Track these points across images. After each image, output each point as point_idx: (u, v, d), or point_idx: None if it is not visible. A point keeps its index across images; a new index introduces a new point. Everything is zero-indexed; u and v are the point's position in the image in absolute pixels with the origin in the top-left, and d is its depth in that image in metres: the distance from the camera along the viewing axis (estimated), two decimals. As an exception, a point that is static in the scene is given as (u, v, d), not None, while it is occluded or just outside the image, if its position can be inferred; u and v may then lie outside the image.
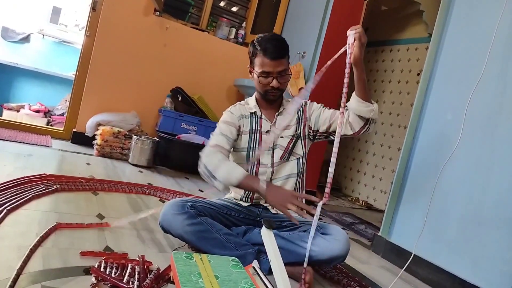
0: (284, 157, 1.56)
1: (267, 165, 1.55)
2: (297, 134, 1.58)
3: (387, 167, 3.84)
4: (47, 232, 1.30)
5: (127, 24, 3.26)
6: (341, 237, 1.37)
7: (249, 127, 1.57)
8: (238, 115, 1.57)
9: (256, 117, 1.58)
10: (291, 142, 1.57)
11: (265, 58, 1.45)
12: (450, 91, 1.91)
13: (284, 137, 1.57)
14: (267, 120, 1.58)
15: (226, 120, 1.56)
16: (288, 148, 1.56)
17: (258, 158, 1.55)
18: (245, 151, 1.56)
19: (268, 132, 1.56)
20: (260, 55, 1.46)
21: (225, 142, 1.50)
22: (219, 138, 1.51)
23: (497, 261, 1.57)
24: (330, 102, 3.13)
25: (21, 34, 4.80)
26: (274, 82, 1.48)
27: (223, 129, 1.53)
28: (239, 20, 3.94)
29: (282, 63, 1.47)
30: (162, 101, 3.48)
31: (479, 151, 1.71)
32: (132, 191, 2.16)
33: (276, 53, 1.45)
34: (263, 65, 1.46)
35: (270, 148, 1.55)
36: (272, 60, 1.45)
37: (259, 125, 1.57)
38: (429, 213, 1.77)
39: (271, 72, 1.46)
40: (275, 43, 1.47)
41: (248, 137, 1.56)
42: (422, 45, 3.75)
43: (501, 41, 1.70)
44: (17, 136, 2.98)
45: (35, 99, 4.62)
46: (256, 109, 1.58)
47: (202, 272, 1.10)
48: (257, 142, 1.56)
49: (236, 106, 1.61)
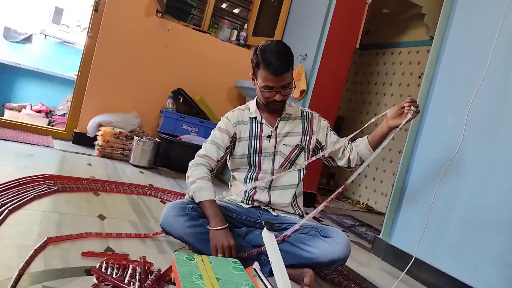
0: (284, 165, 1.56)
1: (267, 171, 1.55)
2: (301, 146, 1.58)
3: (388, 169, 3.84)
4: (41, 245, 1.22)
5: (129, 25, 3.27)
6: (341, 240, 1.38)
7: (249, 133, 1.55)
8: (234, 122, 1.56)
9: (256, 123, 1.57)
10: (293, 152, 1.56)
11: (268, 74, 1.41)
12: (451, 94, 1.92)
13: (287, 145, 1.56)
14: (268, 126, 1.56)
15: (220, 127, 1.56)
16: (289, 157, 1.56)
17: (259, 163, 1.55)
18: (245, 157, 1.55)
19: (269, 137, 1.55)
20: (264, 69, 1.41)
21: (214, 151, 1.52)
22: (209, 147, 1.53)
23: (497, 265, 1.56)
24: (330, 108, 3.14)
25: (23, 35, 4.81)
26: (277, 96, 1.45)
27: (216, 137, 1.54)
28: (241, 22, 3.95)
29: (285, 77, 1.43)
30: (163, 102, 3.48)
31: (480, 154, 1.71)
32: (133, 192, 2.16)
33: (279, 70, 1.40)
34: (266, 79, 1.42)
35: (270, 154, 1.55)
36: (275, 76, 1.41)
37: (260, 130, 1.56)
38: (430, 216, 1.76)
39: (274, 86, 1.44)
40: (279, 57, 1.40)
41: (247, 143, 1.55)
42: (423, 48, 3.76)
43: (503, 44, 1.71)
44: (18, 136, 2.99)
45: (37, 99, 4.62)
46: (257, 114, 1.56)
47: (203, 273, 1.10)
48: (257, 147, 1.55)
49: (234, 112, 1.60)
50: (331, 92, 3.13)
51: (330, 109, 3.15)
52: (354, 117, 4.46)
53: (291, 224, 1.50)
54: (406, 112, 1.45)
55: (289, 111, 1.59)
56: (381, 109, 4.11)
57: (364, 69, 4.50)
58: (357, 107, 4.46)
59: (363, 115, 4.34)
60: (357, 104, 4.48)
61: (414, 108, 1.42)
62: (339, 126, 4.45)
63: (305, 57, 3.14)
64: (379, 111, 4.12)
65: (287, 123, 1.58)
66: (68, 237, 1.32)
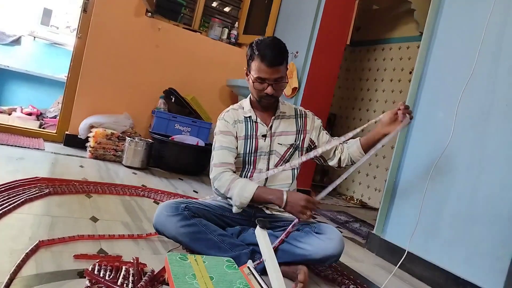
0: (279, 164, 1.55)
1: (262, 170, 1.54)
2: (295, 145, 1.58)
3: (381, 165, 3.86)
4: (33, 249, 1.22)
5: (119, 25, 3.24)
6: (335, 236, 1.38)
7: (244, 133, 1.54)
8: (232, 122, 1.54)
9: (251, 122, 1.56)
10: (288, 152, 1.56)
11: (262, 64, 1.42)
12: (441, 89, 1.93)
13: (282, 144, 1.56)
14: (263, 124, 1.56)
15: (222, 130, 1.53)
16: (284, 156, 1.56)
17: (255, 162, 1.55)
18: (241, 156, 1.54)
19: (264, 136, 1.55)
20: (257, 60, 1.43)
21: (229, 155, 1.49)
22: (221, 153, 1.49)
23: (489, 258, 1.58)
24: (322, 105, 3.15)
25: (11, 37, 4.75)
26: (269, 89, 1.45)
27: (223, 142, 1.51)
28: (232, 21, 3.94)
29: (279, 70, 1.44)
30: (155, 102, 3.46)
31: (471, 148, 1.73)
32: (126, 193, 2.15)
33: (273, 60, 1.41)
34: (259, 70, 1.43)
35: (266, 153, 1.54)
36: (269, 67, 1.42)
37: (255, 129, 1.55)
38: (422, 210, 1.78)
39: (267, 78, 1.44)
40: (274, 49, 1.42)
41: (243, 143, 1.54)
42: (413, 44, 3.78)
43: (491, 39, 1.72)
44: (9, 139, 2.95)
45: (27, 101, 4.57)
46: (251, 113, 1.56)
47: (196, 273, 1.10)
48: (253, 146, 1.54)
49: (229, 112, 1.58)
50: (323, 89, 3.14)
51: (322, 106, 3.15)
52: (347, 113, 4.47)
53: (284, 222, 1.51)
54: (400, 119, 1.44)
55: (283, 109, 1.59)
56: (373, 106, 4.13)
57: (356, 65, 4.52)
58: (349, 104, 4.48)
59: (356, 112, 4.35)
60: (349, 101, 4.50)
61: (408, 115, 1.42)
62: (332, 123, 4.46)
63: (296, 55, 3.14)
64: (371, 107, 4.14)
65: (281, 121, 1.58)
66: (60, 240, 1.31)
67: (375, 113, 4.06)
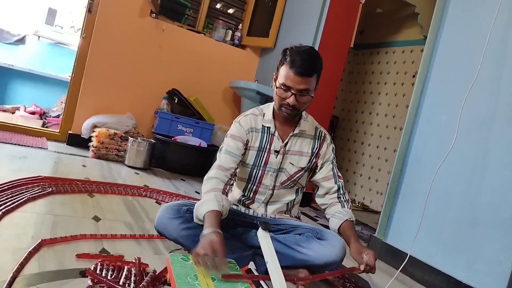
0: (286, 183, 1.51)
1: (268, 187, 1.50)
2: (307, 168, 1.52)
3: (383, 168, 3.85)
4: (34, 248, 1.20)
5: (123, 26, 3.26)
6: (336, 243, 1.37)
7: (258, 144, 1.47)
8: (247, 128, 1.47)
9: (268, 133, 1.48)
10: (298, 173, 1.50)
11: (290, 70, 1.33)
12: (445, 93, 1.93)
13: (294, 165, 1.49)
14: (279, 139, 1.47)
15: (233, 134, 1.47)
16: (293, 177, 1.50)
17: (261, 177, 1.50)
18: (249, 167, 1.49)
19: (277, 152, 1.47)
20: (287, 66, 1.34)
21: (229, 161, 1.42)
22: (224, 157, 1.43)
23: (491, 262, 1.58)
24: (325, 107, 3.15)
25: (16, 36, 4.78)
26: (291, 99, 1.35)
27: (230, 146, 1.45)
28: (235, 22, 3.94)
29: (306, 81, 1.34)
30: (158, 102, 3.47)
31: (474, 152, 1.73)
32: (128, 193, 2.15)
33: (302, 69, 1.32)
34: (286, 77, 1.34)
35: (275, 170, 1.49)
36: (296, 75, 1.32)
37: (270, 142, 1.48)
38: (425, 214, 1.77)
39: (291, 87, 1.34)
40: (305, 57, 1.33)
41: (255, 154, 1.48)
42: (417, 47, 3.78)
43: (495, 43, 1.72)
44: (12, 138, 2.97)
45: (30, 100, 4.59)
46: (271, 124, 1.47)
47: (198, 274, 1.10)
48: (263, 160, 1.48)
49: (248, 117, 1.50)
50: (326, 91, 3.13)
51: (325, 109, 3.15)
52: (349, 116, 4.47)
53: (286, 225, 1.51)
54: (363, 263, 1.28)
55: (304, 126, 1.50)
56: (376, 109, 4.13)
57: (359, 68, 4.52)
58: (352, 107, 4.47)
59: (358, 115, 4.35)
60: (352, 104, 4.50)
61: (368, 268, 1.28)
62: (334, 126, 4.46)
63: (300, 57, 3.14)
64: (374, 111, 4.14)
65: (298, 139, 1.50)
66: (62, 239, 1.31)
67: (377, 116, 4.06)
